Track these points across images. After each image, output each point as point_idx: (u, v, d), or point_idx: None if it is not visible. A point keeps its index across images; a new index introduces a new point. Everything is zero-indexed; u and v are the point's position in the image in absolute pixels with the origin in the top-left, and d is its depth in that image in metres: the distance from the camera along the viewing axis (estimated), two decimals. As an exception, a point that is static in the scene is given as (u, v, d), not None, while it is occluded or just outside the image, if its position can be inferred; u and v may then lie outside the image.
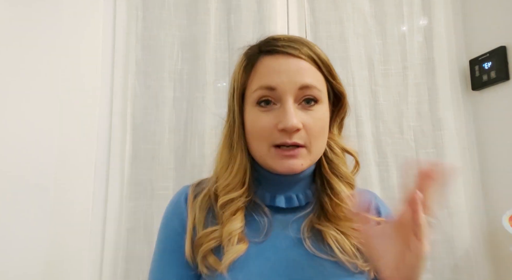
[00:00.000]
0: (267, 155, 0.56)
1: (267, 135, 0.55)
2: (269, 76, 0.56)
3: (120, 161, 1.03)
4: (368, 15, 1.18)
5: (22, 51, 0.98)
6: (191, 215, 0.59)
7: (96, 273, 0.97)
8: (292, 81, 0.55)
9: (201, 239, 0.57)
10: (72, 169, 0.98)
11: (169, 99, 1.06)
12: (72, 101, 1.01)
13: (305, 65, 0.57)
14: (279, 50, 0.57)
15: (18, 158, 0.93)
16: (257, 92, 0.56)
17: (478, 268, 1.04)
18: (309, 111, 0.56)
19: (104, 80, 1.06)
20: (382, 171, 1.10)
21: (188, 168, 1.03)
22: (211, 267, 0.55)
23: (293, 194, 0.60)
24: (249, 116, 0.58)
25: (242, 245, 0.55)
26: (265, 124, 0.55)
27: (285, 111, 0.54)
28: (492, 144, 1.11)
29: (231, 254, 0.54)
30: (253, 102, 0.57)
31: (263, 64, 0.58)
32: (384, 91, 1.15)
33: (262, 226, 0.58)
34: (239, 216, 0.57)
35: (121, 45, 1.08)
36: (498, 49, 1.08)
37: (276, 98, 0.56)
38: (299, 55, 0.56)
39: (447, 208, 1.07)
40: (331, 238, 0.56)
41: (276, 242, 0.57)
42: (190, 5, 1.12)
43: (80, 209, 0.98)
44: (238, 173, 0.58)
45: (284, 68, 0.56)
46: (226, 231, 0.56)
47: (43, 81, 0.99)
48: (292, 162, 0.55)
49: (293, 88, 0.55)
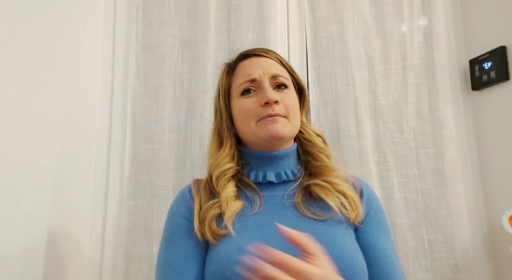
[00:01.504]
0: (256, 128, 0.69)
1: (253, 113, 0.69)
2: (249, 72, 0.72)
3: (120, 161, 1.03)
4: (368, 15, 1.18)
5: (21, 51, 0.98)
6: (197, 199, 0.68)
7: (96, 273, 0.97)
8: (266, 72, 0.71)
9: (205, 212, 0.66)
10: (72, 169, 0.98)
11: (169, 99, 1.06)
12: (72, 101, 1.01)
13: (273, 62, 0.75)
14: (254, 54, 0.76)
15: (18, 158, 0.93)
16: (242, 85, 0.72)
17: (478, 268, 1.04)
18: (282, 92, 0.72)
19: (104, 80, 1.06)
20: (382, 171, 1.10)
21: (188, 168, 1.03)
22: (216, 234, 0.62)
23: (281, 170, 0.71)
24: (236, 105, 0.72)
25: (238, 202, 0.66)
26: (250, 104, 0.70)
27: (265, 90, 0.69)
28: (492, 144, 1.11)
29: (230, 209, 0.64)
30: (238, 94, 0.72)
31: (242, 65, 0.75)
32: (384, 91, 1.15)
33: (255, 200, 0.67)
34: (231, 184, 0.69)
35: (121, 45, 1.08)
36: (498, 49, 1.08)
37: (256, 86, 0.71)
38: (269, 56, 0.75)
39: (447, 208, 1.07)
40: (320, 189, 0.67)
41: (272, 211, 0.66)
42: (190, 5, 1.12)
43: (80, 209, 0.98)
44: (229, 151, 0.71)
45: (259, 64, 0.73)
46: (223, 196, 0.66)
47: (43, 81, 0.99)
48: (276, 125, 0.67)
49: (268, 76, 0.71)
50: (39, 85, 0.99)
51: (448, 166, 1.09)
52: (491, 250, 1.08)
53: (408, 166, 1.11)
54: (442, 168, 1.09)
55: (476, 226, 1.09)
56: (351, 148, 1.09)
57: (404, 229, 1.06)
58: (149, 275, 0.97)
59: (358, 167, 1.07)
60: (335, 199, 0.66)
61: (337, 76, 1.13)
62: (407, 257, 1.04)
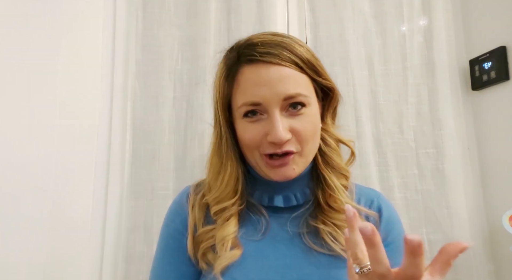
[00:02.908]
0: (261, 163, 0.57)
1: (257, 145, 0.56)
2: (252, 91, 0.54)
3: (120, 161, 1.03)
4: (368, 15, 1.18)
5: (22, 51, 0.98)
6: (192, 214, 0.61)
7: (96, 273, 0.97)
8: (275, 93, 0.53)
9: (200, 237, 0.59)
10: (72, 169, 0.98)
11: (169, 99, 1.06)
12: (72, 101, 1.01)
13: (287, 72, 0.54)
14: (259, 59, 0.55)
15: (18, 158, 0.93)
16: (242, 108, 0.56)
17: (478, 268, 1.04)
18: (297, 116, 0.55)
19: (104, 80, 1.06)
20: (382, 171, 1.10)
21: (188, 168, 1.03)
22: (210, 264, 0.57)
23: (291, 193, 0.61)
24: (239, 127, 0.58)
25: (236, 251, 0.56)
26: (254, 135, 0.55)
27: (273, 124, 0.53)
28: (492, 144, 1.11)
29: (223, 260, 0.54)
30: (240, 116, 0.57)
31: (244, 76, 0.56)
32: (384, 91, 1.15)
33: (260, 226, 0.59)
34: (232, 221, 0.58)
35: (121, 45, 1.08)
36: (498, 49, 1.08)
37: (262, 110, 0.55)
38: (279, 62, 0.54)
39: (447, 208, 1.07)
40: (326, 233, 0.57)
41: (275, 240, 0.58)
42: (190, 5, 1.12)
43: (80, 209, 0.98)
44: (229, 183, 0.58)
45: (266, 80, 0.54)
46: (219, 236, 0.56)
47: (43, 81, 0.99)
48: (284, 169, 0.55)
49: (277, 100, 0.53)
50: (39, 86, 0.99)
51: (448, 166, 1.09)
52: (491, 250, 1.08)
53: (408, 166, 1.11)
54: (442, 168, 1.09)
55: (476, 226, 1.09)
56: (351, 148, 1.09)
57: (404, 229, 1.06)
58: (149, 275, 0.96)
59: (358, 168, 1.07)
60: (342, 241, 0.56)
61: (337, 76, 1.12)
62: (407, 257, 1.04)
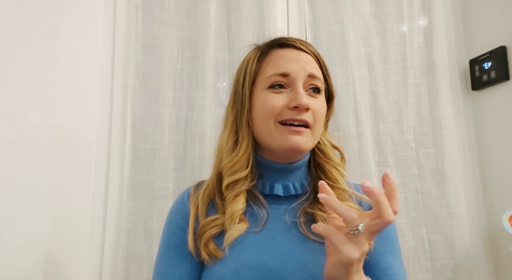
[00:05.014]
0: (275, 131, 0.61)
1: (277, 112, 0.60)
2: (283, 64, 0.62)
3: (120, 161, 1.03)
4: (368, 15, 1.18)
5: (22, 51, 0.98)
6: (193, 208, 0.64)
7: (96, 273, 0.97)
8: (302, 68, 0.62)
9: (204, 227, 0.61)
10: (72, 169, 0.98)
11: (169, 99, 1.06)
12: (72, 101, 1.01)
13: (311, 59, 0.65)
14: (290, 44, 0.65)
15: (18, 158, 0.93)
16: (271, 78, 0.62)
17: (478, 268, 1.04)
18: (314, 98, 0.63)
19: (104, 80, 1.06)
20: (382, 171, 1.09)
21: (188, 168, 1.03)
22: (212, 254, 0.59)
23: (290, 183, 0.65)
24: (259, 99, 0.63)
25: (243, 224, 0.60)
26: (277, 102, 0.61)
27: (298, 92, 0.60)
28: (492, 144, 1.11)
29: (233, 231, 0.58)
30: (265, 87, 0.63)
31: (276, 54, 0.65)
32: (384, 91, 1.15)
33: (260, 217, 0.62)
34: (241, 198, 0.62)
35: (121, 45, 1.08)
36: (498, 49, 1.08)
37: (288, 83, 0.62)
38: (307, 50, 0.65)
39: (447, 208, 1.07)
40: (322, 220, 0.60)
41: (273, 230, 0.61)
42: (190, 5, 1.12)
43: (80, 209, 0.98)
44: (244, 153, 0.63)
45: (296, 58, 0.63)
46: (229, 211, 0.60)
47: (43, 81, 0.99)
48: (298, 137, 0.60)
49: (303, 75, 0.62)
50: (38, 85, 0.99)
51: (448, 166, 1.09)
52: (491, 250, 1.08)
53: (408, 166, 1.11)
54: (442, 168, 1.09)
55: (476, 226, 1.09)
56: (351, 148, 1.09)
57: (404, 229, 1.06)
58: (149, 275, 0.96)
59: (358, 167, 1.07)
60: None
61: (337, 76, 1.13)
62: (407, 257, 1.04)
